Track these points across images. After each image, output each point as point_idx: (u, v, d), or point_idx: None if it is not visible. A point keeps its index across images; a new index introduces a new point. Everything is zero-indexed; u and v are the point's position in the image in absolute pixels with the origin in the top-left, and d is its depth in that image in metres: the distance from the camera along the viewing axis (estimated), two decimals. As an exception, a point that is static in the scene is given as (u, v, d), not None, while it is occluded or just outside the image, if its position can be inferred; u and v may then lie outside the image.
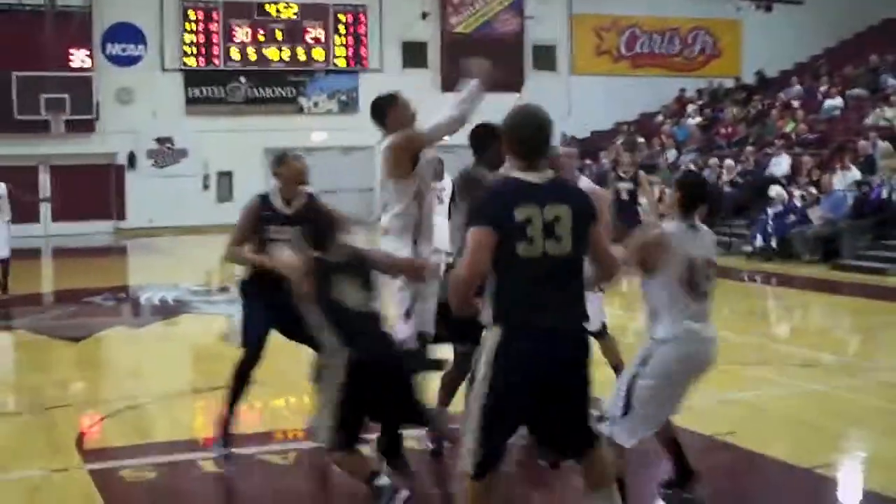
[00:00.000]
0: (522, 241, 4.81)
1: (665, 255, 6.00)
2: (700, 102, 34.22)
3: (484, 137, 7.40)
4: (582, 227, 4.95)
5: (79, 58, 32.02)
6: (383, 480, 6.12)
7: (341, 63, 34.97)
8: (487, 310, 4.98)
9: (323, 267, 6.30)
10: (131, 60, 33.07)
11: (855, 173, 21.58)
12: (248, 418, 8.86)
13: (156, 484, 7.27)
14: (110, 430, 8.77)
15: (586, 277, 5.11)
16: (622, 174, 16.71)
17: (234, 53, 33.75)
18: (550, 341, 4.89)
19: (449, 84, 34.68)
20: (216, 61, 33.63)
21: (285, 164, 7.85)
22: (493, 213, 4.87)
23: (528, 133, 5.05)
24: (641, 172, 17.20)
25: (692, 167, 26.28)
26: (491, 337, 4.95)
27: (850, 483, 7.43)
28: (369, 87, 34.61)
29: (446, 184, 20.33)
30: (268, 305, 7.29)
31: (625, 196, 16.08)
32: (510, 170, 5.13)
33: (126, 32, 32.99)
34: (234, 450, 7.66)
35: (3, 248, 17.18)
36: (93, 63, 32.22)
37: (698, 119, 32.08)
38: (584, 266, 5.06)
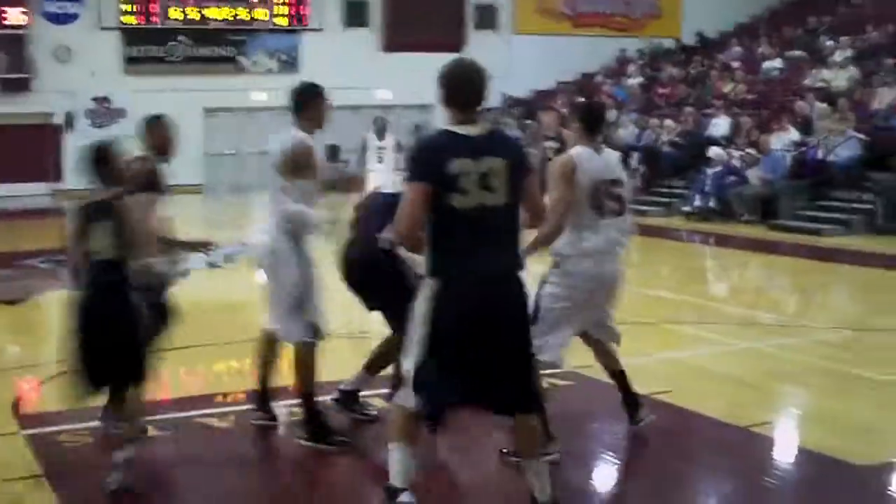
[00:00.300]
0: (457, 193, 4.96)
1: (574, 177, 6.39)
2: (640, 63, 34.31)
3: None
4: (517, 178, 5.11)
5: (14, 15, 31.52)
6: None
7: (282, 21, 34.68)
8: (425, 259, 5.13)
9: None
10: (68, 18, 32.59)
11: (793, 134, 21.79)
12: (190, 381, 8.86)
13: (94, 448, 7.23)
14: (47, 395, 8.70)
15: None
16: (547, 134, 16.97)
17: (174, 12, 33.35)
18: (485, 285, 5.05)
19: (390, 44, 34.77)
20: (155, 19, 33.25)
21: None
22: (427, 167, 5.03)
23: (461, 85, 5.21)
24: (565, 130, 17.38)
25: (632, 127, 26.48)
26: (429, 286, 5.12)
27: (785, 441, 7.55)
28: (310, 47, 34.45)
29: (388, 142, 20.39)
30: None
31: (551, 155, 16.26)
32: (447, 123, 5.23)
33: (63, -11, 32.54)
34: (175, 414, 7.66)
35: None
36: (29, 20, 31.74)
37: (639, 79, 32.19)
38: (518, 216, 5.20)
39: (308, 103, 7.23)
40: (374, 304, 7.49)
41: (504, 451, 6.55)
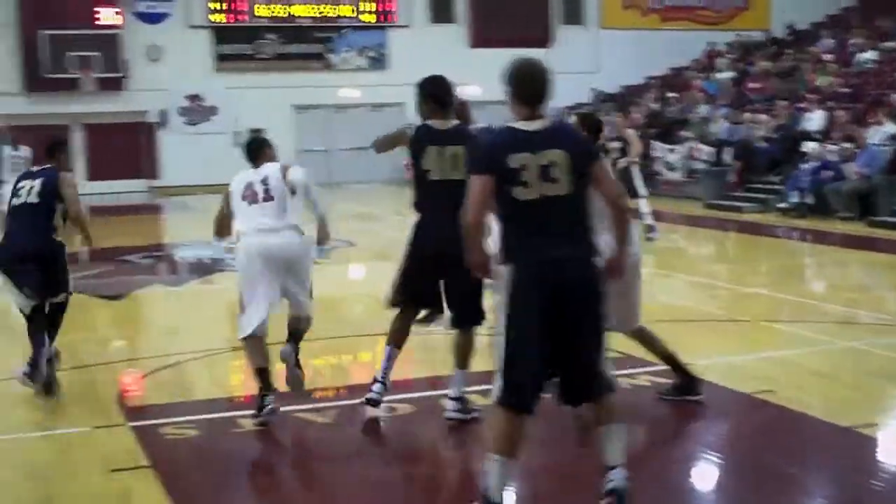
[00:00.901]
0: (519, 186, 5.20)
1: None
2: (730, 56, 33.91)
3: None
4: (580, 169, 5.30)
5: (107, 15, 32.04)
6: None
7: (369, 18, 34.84)
8: (500, 251, 5.38)
9: None
10: (159, 17, 33.05)
11: (890, 127, 21.37)
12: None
13: (197, 441, 7.33)
14: (150, 388, 8.85)
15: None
16: (613, 134, 16.99)
17: (262, 10, 33.67)
18: (553, 272, 5.22)
19: (477, 40, 34.75)
20: (243, 17, 33.60)
21: None
22: (487, 162, 5.33)
23: (525, 83, 5.41)
24: (628, 130, 17.53)
25: (724, 122, 26.20)
26: (505, 275, 5.30)
27: (892, 443, 7.39)
28: (397, 43, 34.56)
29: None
30: None
31: (616, 155, 16.26)
32: (512, 120, 5.44)
33: (153, -11, 33.01)
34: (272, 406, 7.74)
35: None
36: (122, 20, 32.23)
37: (729, 73, 31.82)
38: (587, 205, 5.37)
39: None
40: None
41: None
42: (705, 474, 6.72)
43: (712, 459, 6.85)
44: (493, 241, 5.89)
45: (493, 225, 5.82)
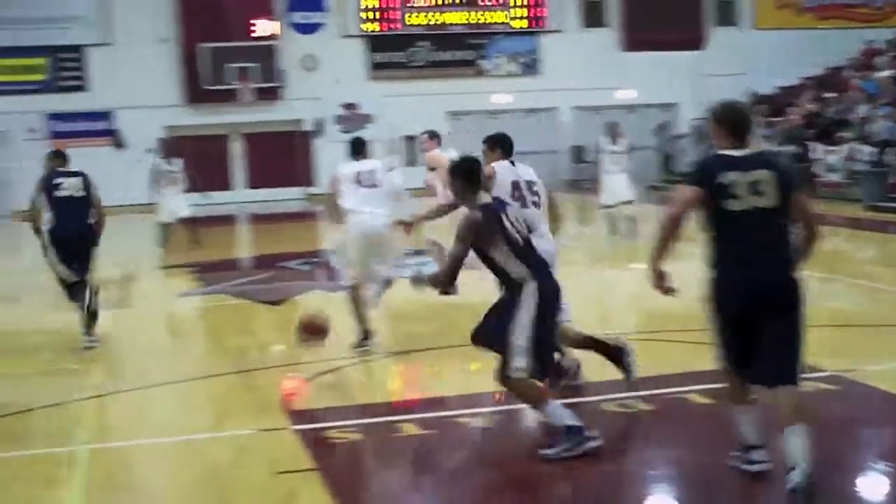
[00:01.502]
0: (730, 199, 5.83)
1: None
2: (890, 54, 32.97)
3: None
4: (785, 189, 5.90)
5: (263, 27, 32.75)
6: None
7: (520, 24, 34.92)
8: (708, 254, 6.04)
9: None
10: (314, 28, 33.65)
11: None
12: (450, 381, 9.03)
13: (361, 445, 7.44)
14: (313, 392, 9.03)
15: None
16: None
17: (414, 18, 34.03)
18: (757, 271, 5.88)
19: (630, 43, 34.56)
20: (396, 26, 34.00)
21: None
22: (702, 176, 5.99)
23: (732, 120, 6.10)
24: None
25: (884, 122, 25.52)
26: (711, 275, 6.03)
27: None
28: (549, 49, 34.56)
29: (622, 146, 19.99)
30: None
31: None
32: (718, 149, 6.11)
33: (307, 0, 33.57)
34: (435, 414, 7.83)
35: (183, 209, 20.11)
36: (278, 32, 32.91)
37: (890, 71, 30.95)
38: (788, 221, 5.96)
39: None
40: None
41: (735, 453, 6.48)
42: (872, 483, 6.56)
43: (879, 468, 6.70)
44: None
45: None
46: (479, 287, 8.29)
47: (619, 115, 34.04)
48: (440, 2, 34.32)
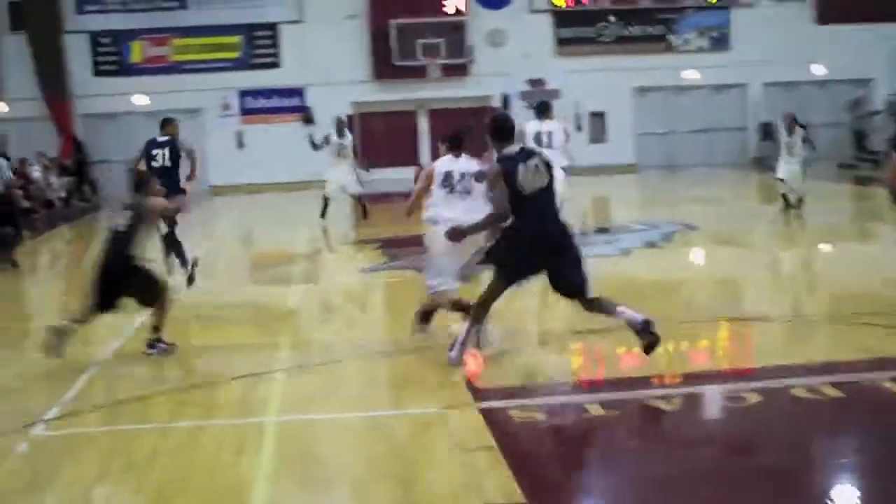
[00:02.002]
0: None
1: None
2: None
3: None
4: None
5: (452, 3, 32.88)
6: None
7: (711, -2, 34.24)
8: None
9: None
10: (502, 3, 33.60)
11: None
12: (637, 361, 8.91)
13: (544, 424, 7.40)
14: (497, 370, 9.01)
15: None
16: None
17: (603, -8, 33.74)
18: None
19: (826, 16, 33.46)
20: (585, 1, 33.71)
21: None
22: None
23: None
24: None
25: None
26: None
27: None
28: (741, 23, 33.79)
29: (797, 137, 19.59)
30: None
31: None
32: None
33: (496, -25, 33.60)
34: (620, 395, 7.75)
35: (353, 185, 21.60)
36: (466, 7, 32.99)
37: None
38: None
39: None
40: None
41: None
42: None
43: None
44: None
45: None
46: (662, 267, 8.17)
47: (810, 90, 33.21)
48: (631, -25, 33.91)
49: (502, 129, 8.83)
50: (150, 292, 9.88)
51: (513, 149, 8.70)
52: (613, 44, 33.91)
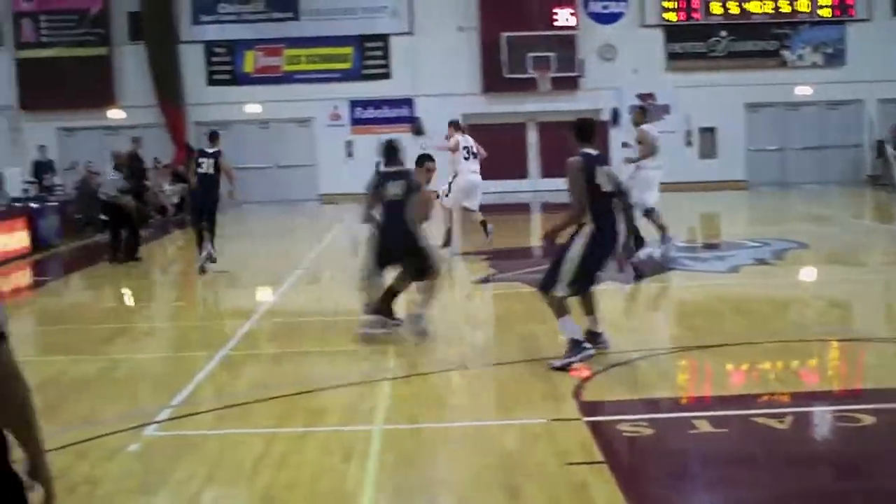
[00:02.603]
0: None
1: None
2: None
3: None
4: None
5: (563, 16, 32.85)
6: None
7: (826, 13, 33.67)
8: None
9: None
10: (613, 17, 33.48)
11: None
12: (748, 378, 8.80)
13: (653, 439, 7.34)
14: (606, 384, 8.95)
15: None
16: None
17: (716, 7, 33.38)
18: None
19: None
20: (696, 15, 33.43)
21: None
22: None
23: None
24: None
25: None
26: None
27: None
28: (856, 38, 33.22)
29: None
30: None
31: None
32: None
33: (608, -10, 33.51)
34: (729, 412, 7.65)
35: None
36: (577, 21, 32.94)
37: None
38: None
39: None
40: None
41: None
42: None
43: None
44: None
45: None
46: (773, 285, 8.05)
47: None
48: (744, -10, 33.54)
49: (586, 130, 9.52)
50: (422, 269, 10.79)
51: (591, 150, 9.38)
52: (725, 59, 33.54)
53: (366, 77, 33.91)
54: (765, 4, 33.52)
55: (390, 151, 11.35)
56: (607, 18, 33.53)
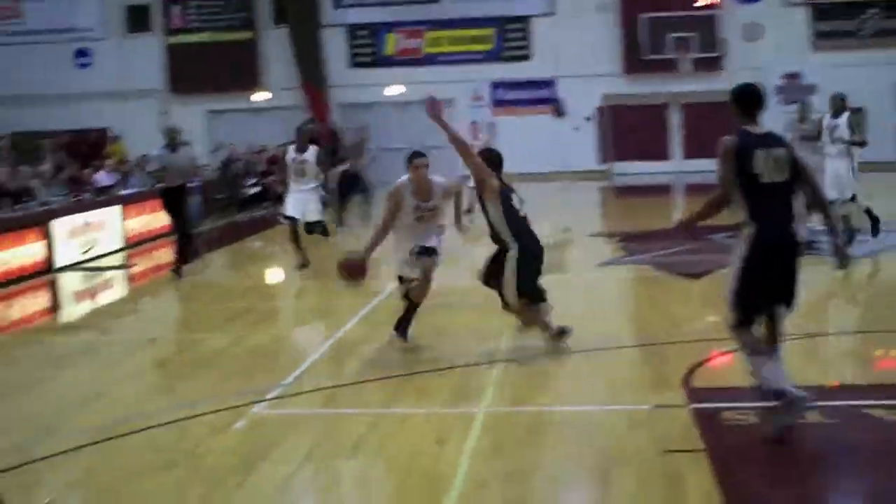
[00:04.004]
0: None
1: None
2: None
3: None
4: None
5: (707, -4, 32.41)
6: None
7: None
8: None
9: None
10: (757, -3, 32.91)
11: None
12: (863, 369, 8.61)
13: (755, 430, 7.14)
14: (716, 370, 8.84)
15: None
16: None
17: (864, -15, 32.52)
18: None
19: None
20: (846, -7, 32.60)
21: None
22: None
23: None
24: None
25: None
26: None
27: None
28: None
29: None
30: None
31: None
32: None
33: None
34: (841, 402, 7.49)
35: (316, 215, 16.18)
36: (720, 1, 32.40)
37: None
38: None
39: None
40: None
41: None
42: None
43: None
44: None
45: None
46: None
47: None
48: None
49: (750, 100, 7.42)
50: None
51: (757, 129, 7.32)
52: (874, 37, 32.60)
53: (506, 59, 33.93)
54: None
55: None
56: (750, -2, 32.93)
